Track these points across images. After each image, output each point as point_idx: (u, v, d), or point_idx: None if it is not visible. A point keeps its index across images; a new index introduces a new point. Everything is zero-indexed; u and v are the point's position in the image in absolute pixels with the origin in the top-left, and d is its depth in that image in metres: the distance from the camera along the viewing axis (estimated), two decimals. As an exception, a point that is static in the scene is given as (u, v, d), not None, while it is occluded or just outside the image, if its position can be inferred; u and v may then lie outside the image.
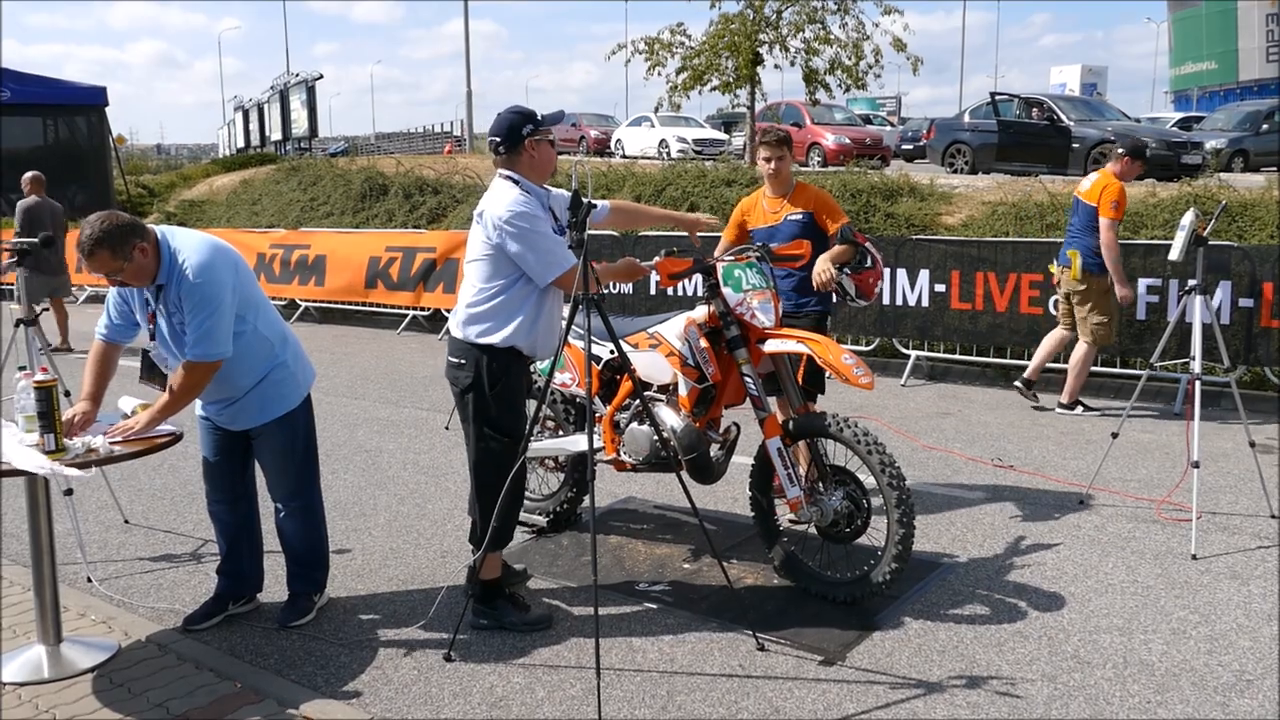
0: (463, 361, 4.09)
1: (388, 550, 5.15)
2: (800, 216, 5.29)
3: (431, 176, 16.04)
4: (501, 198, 4.00)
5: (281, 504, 4.28)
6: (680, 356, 4.54)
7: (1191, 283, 5.36)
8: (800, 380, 4.91)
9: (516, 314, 4.05)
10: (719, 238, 5.69)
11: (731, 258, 4.59)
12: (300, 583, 4.36)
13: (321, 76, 28.01)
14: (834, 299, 5.32)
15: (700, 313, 4.59)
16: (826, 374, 5.11)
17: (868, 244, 5.25)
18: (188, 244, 3.86)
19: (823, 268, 5.02)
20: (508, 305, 4.04)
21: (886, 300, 9.03)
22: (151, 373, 4.16)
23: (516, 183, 4.06)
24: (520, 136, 4.06)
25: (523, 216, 3.93)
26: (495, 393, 4.08)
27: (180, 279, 3.80)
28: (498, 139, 4.10)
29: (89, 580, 4.77)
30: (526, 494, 5.42)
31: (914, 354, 9.16)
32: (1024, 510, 5.57)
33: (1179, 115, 29.40)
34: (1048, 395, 7.96)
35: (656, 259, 4.40)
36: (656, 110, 23.62)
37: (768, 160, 5.34)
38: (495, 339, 4.04)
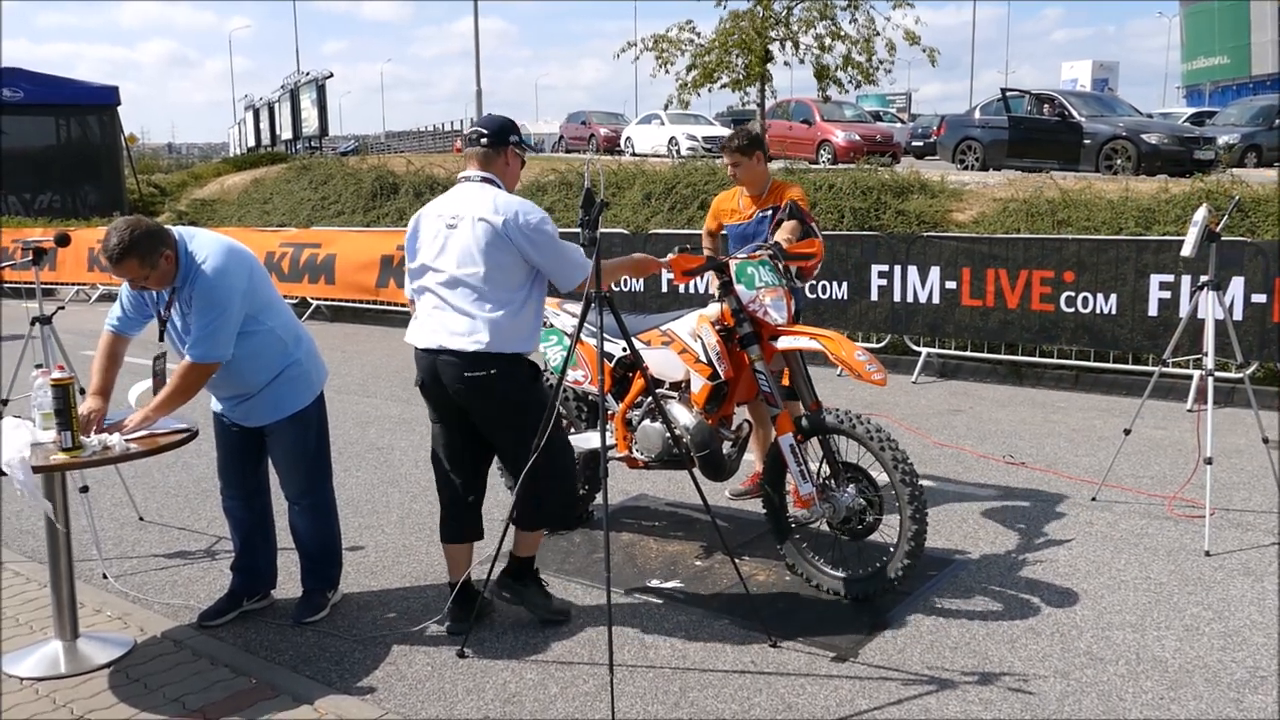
0: (492, 372, 3.90)
1: (400, 547, 5.17)
2: (769, 213, 5.32)
3: (442, 175, 16.07)
4: (510, 202, 3.90)
5: (294, 501, 4.30)
6: (693, 354, 4.56)
7: (1204, 279, 5.34)
8: None
9: (538, 319, 4.05)
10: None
11: (744, 255, 4.59)
12: (314, 579, 4.38)
13: (332, 75, 28.05)
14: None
15: (713, 310, 4.60)
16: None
17: (813, 223, 5.13)
18: (204, 246, 3.90)
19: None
20: (534, 312, 4.01)
21: (898, 297, 9.02)
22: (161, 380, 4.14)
23: (501, 188, 4.01)
24: (506, 140, 4.05)
25: (548, 222, 3.89)
26: (539, 386, 4.08)
27: (195, 279, 3.84)
28: (485, 131, 4.05)
29: (105, 577, 4.80)
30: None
31: (925, 351, 9.15)
32: (1036, 507, 5.57)
33: (1191, 110, 29.26)
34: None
35: (670, 255, 4.41)
36: (666, 108, 23.64)
37: (728, 165, 5.46)
38: (529, 348, 4.01)
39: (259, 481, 4.37)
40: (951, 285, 8.76)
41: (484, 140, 4.04)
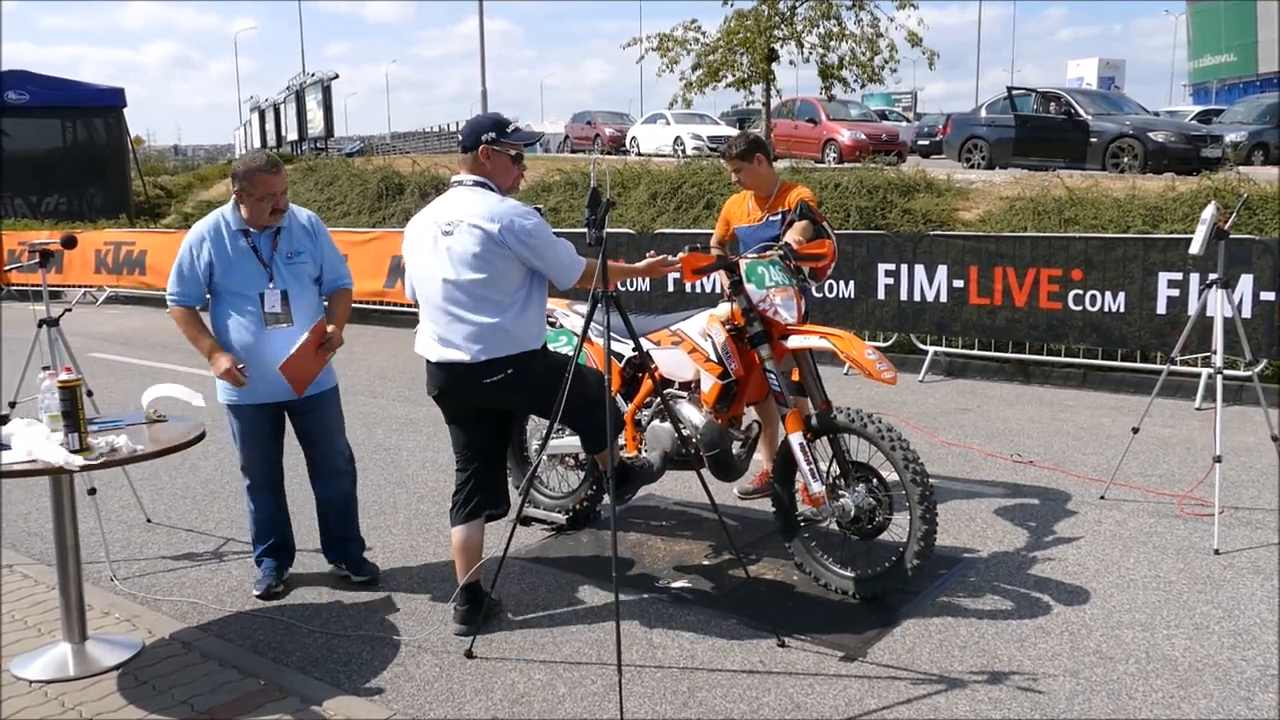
0: (509, 372, 3.94)
1: (408, 548, 5.17)
2: (779, 217, 5.31)
3: (447, 175, 16.08)
4: (504, 207, 3.89)
5: (341, 470, 4.66)
6: (703, 353, 4.55)
7: (1213, 276, 5.32)
8: None
9: (542, 312, 4.09)
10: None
11: (754, 255, 4.59)
12: (352, 533, 4.77)
13: (337, 76, 28.08)
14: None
15: (723, 309, 4.60)
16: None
17: (824, 223, 5.15)
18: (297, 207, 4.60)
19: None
20: (538, 307, 4.04)
21: (904, 296, 9.01)
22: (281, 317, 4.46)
23: (495, 191, 3.98)
24: (477, 141, 3.98)
25: (543, 226, 3.90)
26: (548, 361, 4.10)
27: (316, 229, 4.62)
28: (460, 135, 4.12)
29: (112, 579, 4.81)
30: (546, 492, 5.45)
31: (932, 350, 9.14)
32: (1044, 505, 5.55)
33: (1198, 108, 29.19)
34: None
35: (681, 254, 4.41)
36: (671, 107, 23.62)
37: (731, 173, 5.48)
38: (538, 344, 4.05)
39: (281, 467, 4.65)
40: (959, 284, 8.74)
41: (461, 144, 4.09)
